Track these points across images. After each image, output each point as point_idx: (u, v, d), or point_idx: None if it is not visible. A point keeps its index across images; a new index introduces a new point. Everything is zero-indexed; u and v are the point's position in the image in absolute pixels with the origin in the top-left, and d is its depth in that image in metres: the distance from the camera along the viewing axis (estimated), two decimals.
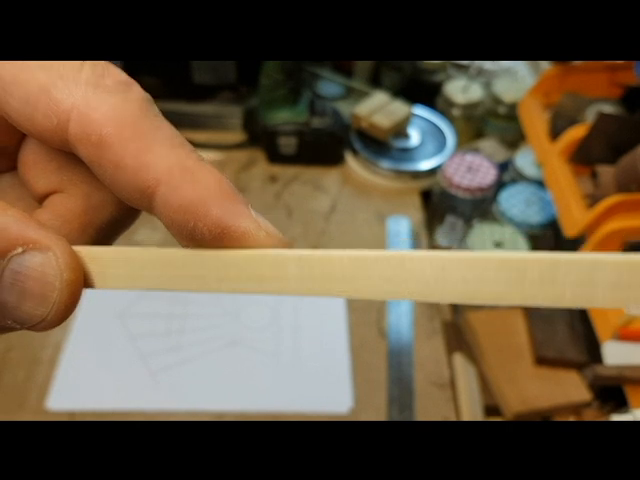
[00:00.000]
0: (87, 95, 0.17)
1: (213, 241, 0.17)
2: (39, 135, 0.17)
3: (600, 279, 0.15)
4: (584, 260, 0.15)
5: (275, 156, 0.89)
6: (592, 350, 0.64)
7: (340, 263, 0.16)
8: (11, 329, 0.17)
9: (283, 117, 0.85)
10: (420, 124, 0.92)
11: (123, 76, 0.17)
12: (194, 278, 0.17)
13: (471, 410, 0.64)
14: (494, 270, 0.15)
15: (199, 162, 0.17)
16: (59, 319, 0.17)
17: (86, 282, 0.17)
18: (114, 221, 0.20)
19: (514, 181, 0.82)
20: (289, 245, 0.17)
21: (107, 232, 0.20)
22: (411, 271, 0.16)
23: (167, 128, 0.17)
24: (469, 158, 0.80)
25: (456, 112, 0.91)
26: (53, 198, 0.19)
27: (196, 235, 0.16)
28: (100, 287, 0.18)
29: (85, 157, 0.17)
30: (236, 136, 0.92)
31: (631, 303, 0.15)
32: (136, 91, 0.17)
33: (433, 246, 0.82)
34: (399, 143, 0.89)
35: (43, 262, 0.16)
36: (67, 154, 0.18)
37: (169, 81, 0.86)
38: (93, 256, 0.17)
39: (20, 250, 0.16)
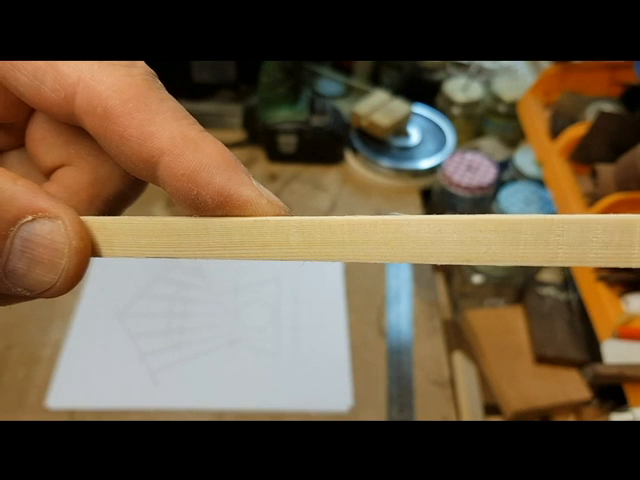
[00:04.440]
0: (93, 69, 0.17)
1: (216, 209, 0.17)
2: (47, 109, 0.18)
3: (592, 239, 0.15)
4: (577, 221, 0.15)
5: (275, 155, 0.89)
6: (592, 349, 0.64)
7: (340, 229, 0.17)
8: (21, 297, 0.17)
9: (283, 116, 0.85)
10: (420, 123, 0.92)
11: None
12: (198, 245, 0.18)
13: (471, 409, 0.64)
14: (490, 232, 0.16)
15: (201, 133, 0.17)
16: (67, 286, 0.17)
17: (94, 251, 0.18)
18: (120, 193, 0.20)
19: (514, 180, 0.82)
20: (290, 213, 0.18)
21: (114, 204, 0.20)
22: (408, 234, 0.16)
23: (170, 101, 0.18)
24: (469, 157, 0.80)
25: (456, 111, 0.91)
26: (61, 171, 0.20)
27: (199, 203, 0.17)
28: (107, 255, 0.18)
29: (91, 129, 0.17)
30: (236, 135, 0.92)
31: (621, 262, 0.15)
32: (140, 65, 0.18)
33: None
34: (399, 142, 0.89)
35: (52, 230, 0.16)
36: (74, 129, 0.19)
37: (168, 79, 0.86)
38: (100, 225, 0.18)
39: (30, 218, 0.16)
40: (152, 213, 0.80)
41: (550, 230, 0.15)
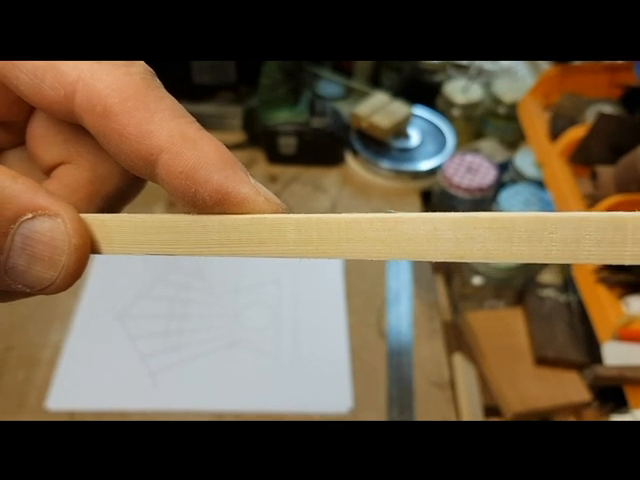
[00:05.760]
0: (92, 67, 0.17)
1: (214, 206, 0.17)
2: (47, 107, 0.18)
3: (584, 236, 0.15)
4: (570, 218, 0.15)
5: (275, 156, 0.89)
6: (592, 350, 0.64)
7: (336, 226, 0.17)
8: (21, 294, 0.18)
9: (283, 117, 0.85)
10: (420, 124, 0.92)
11: None
12: (197, 242, 0.18)
13: (471, 410, 0.64)
14: (484, 229, 0.16)
15: (200, 131, 0.18)
16: (67, 283, 0.17)
17: (93, 248, 0.18)
18: (120, 191, 0.20)
19: (514, 181, 0.82)
20: (287, 210, 0.18)
21: (113, 202, 0.20)
22: (404, 232, 0.17)
23: (169, 99, 0.18)
24: (469, 158, 0.80)
25: (456, 112, 0.91)
26: (61, 169, 0.20)
27: (197, 201, 0.17)
28: (106, 252, 0.18)
29: (91, 127, 0.18)
30: (236, 136, 0.92)
31: (614, 259, 0.15)
32: (139, 64, 0.18)
33: None
34: (399, 143, 0.89)
35: (52, 227, 0.17)
36: (74, 127, 0.19)
37: (169, 81, 0.86)
38: (99, 223, 0.18)
39: (30, 216, 0.16)
40: (153, 213, 0.80)
41: (544, 227, 0.16)
